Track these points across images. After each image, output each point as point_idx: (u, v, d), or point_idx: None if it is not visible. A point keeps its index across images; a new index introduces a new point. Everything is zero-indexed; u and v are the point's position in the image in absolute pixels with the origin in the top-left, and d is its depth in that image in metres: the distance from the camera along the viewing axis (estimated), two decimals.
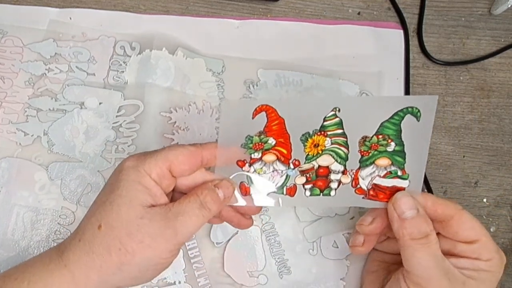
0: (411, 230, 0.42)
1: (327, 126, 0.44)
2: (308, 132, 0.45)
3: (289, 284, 0.53)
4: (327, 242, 0.54)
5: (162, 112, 0.57)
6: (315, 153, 0.45)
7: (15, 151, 0.56)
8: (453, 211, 0.43)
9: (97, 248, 0.40)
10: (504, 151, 0.59)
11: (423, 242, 0.42)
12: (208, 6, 0.62)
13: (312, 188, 0.46)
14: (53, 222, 0.54)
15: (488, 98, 0.60)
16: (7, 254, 0.52)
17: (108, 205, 0.41)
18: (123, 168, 0.43)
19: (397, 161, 0.44)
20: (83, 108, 0.57)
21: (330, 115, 0.44)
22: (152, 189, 0.42)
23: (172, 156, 0.43)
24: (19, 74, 0.58)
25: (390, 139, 0.44)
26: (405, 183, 0.44)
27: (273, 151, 0.46)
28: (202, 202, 0.42)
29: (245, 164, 0.46)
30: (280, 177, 0.46)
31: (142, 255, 0.40)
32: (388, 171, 0.44)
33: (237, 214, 0.48)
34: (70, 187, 0.55)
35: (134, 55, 0.59)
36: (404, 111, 0.43)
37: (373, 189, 0.45)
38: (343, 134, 0.44)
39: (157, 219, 0.41)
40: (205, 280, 0.53)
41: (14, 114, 0.57)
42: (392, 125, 0.44)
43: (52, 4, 0.61)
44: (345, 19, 0.63)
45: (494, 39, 0.62)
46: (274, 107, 0.45)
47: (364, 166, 0.45)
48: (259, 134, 0.45)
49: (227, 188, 0.45)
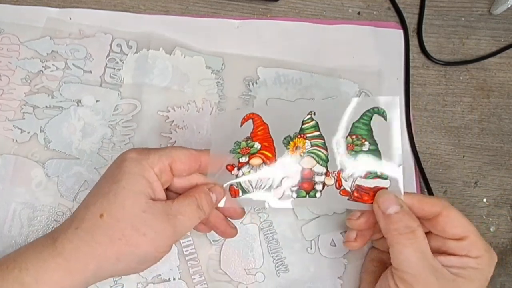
0: (397, 225, 0.42)
1: (305, 129, 0.47)
2: (289, 135, 0.47)
3: (286, 282, 0.52)
4: (325, 241, 0.54)
5: (160, 111, 0.57)
6: (297, 155, 0.47)
7: (12, 148, 0.55)
8: (440, 208, 0.43)
9: (98, 237, 0.40)
10: (504, 151, 0.59)
11: (410, 237, 0.41)
12: (208, 6, 0.62)
13: (298, 190, 0.46)
14: (50, 219, 0.53)
15: (488, 98, 0.60)
16: (3, 250, 0.52)
17: (112, 196, 0.41)
18: (126, 159, 0.43)
19: (373, 160, 0.45)
20: (80, 106, 0.57)
21: (307, 118, 0.47)
22: (153, 183, 0.43)
23: (175, 154, 0.44)
24: (15, 72, 0.58)
25: (364, 139, 0.45)
26: (386, 183, 0.44)
27: (259, 154, 0.47)
28: (199, 204, 0.44)
29: (234, 168, 0.48)
30: (267, 180, 0.47)
31: (143, 248, 0.41)
32: (367, 172, 0.45)
33: (223, 221, 0.49)
34: (67, 184, 0.54)
35: (131, 54, 0.59)
36: (371, 111, 0.45)
37: (357, 191, 0.45)
38: (321, 136, 0.46)
39: (160, 215, 0.42)
40: (200, 277, 0.52)
41: (11, 111, 0.56)
42: (363, 125, 0.45)
43: (52, 4, 0.61)
44: (345, 19, 0.62)
45: (494, 39, 0.62)
46: (260, 114, 0.49)
47: (344, 167, 0.46)
48: (246, 139, 0.48)
49: (219, 193, 0.47)
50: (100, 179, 0.45)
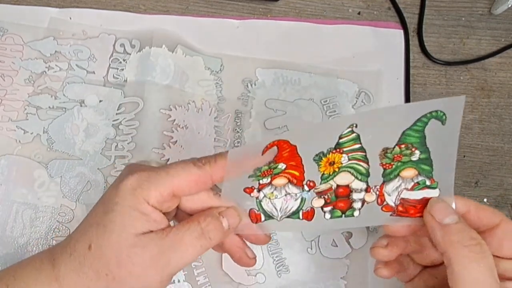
0: (460, 236, 0.35)
1: (343, 143, 0.39)
2: (322, 152, 0.39)
3: (287, 282, 0.53)
4: (326, 241, 0.54)
5: (162, 109, 0.57)
6: (331, 171, 0.40)
7: (15, 149, 0.56)
8: (499, 218, 0.38)
9: (86, 269, 0.38)
10: (504, 151, 0.59)
11: (477, 251, 0.34)
12: (208, 6, 0.63)
13: (333, 210, 0.41)
14: (52, 220, 0.54)
15: (489, 98, 0.60)
16: (5, 251, 0.52)
17: (101, 228, 0.38)
18: (120, 190, 0.38)
19: (424, 170, 0.40)
20: (83, 106, 0.57)
21: (346, 132, 0.39)
22: (150, 215, 0.38)
23: (177, 182, 0.38)
24: (19, 72, 0.58)
25: (414, 147, 0.39)
26: (436, 192, 0.39)
27: (284, 174, 0.40)
28: (204, 230, 0.38)
29: (253, 190, 0.41)
30: (295, 201, 0.41)
31: (130, 285, 0.38)
32: (415, 182, 0.40)
33: (240, 249, 0.43)
34: (69, 184, 0.55)
35: (134, 53, 0.59)
36: (428, 116, 0.38)
37: (401, 205, 0.40)
38: (361, 148, 0.39)
39: (150, 247, 0.37)
40: (205, 279, 0.52)
41: (14, 111, 0.57)
42: (415, 132, 0.39)
43: (52, 4, 0.62)
44: (345, 19, 0.63)
45: (494, 39, 0.62)
46: (286, 139, 0.39)
47: (388, 180, 0.40)
48: (268, 163, 0.40)
49: (233, 218, 0.40)
50: (98, 201, 0.40)
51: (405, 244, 0.42)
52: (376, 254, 0.41)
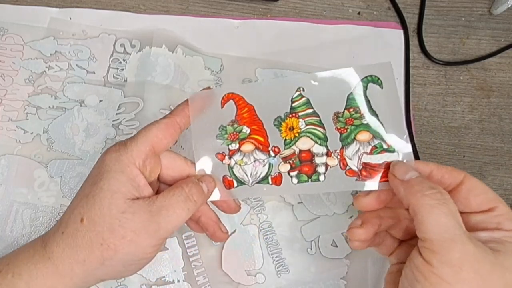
0: (420, 187, 0.37)
1: (296, 108, 0.44)
2: (280, 116, 0.44)
3: (287, 283, 0.53)
4: (326, 241, 0.54)
5: (162, 109, 0.57)
6: (292, 137, 0.44)
7: (15, 149, 0.56)
8: (461, 176, 0.40)
9: (80, 242, 0.39)
10: (504, 151, 0.59)
11: (438, 197, 0.36)
12: (208, 6, 0.63)
13: (299, 174, 0.44)
14: (52, 220, 0.54)
15: (488, 98, 0.60)
16: (5, 251, 0.52)
17: (90, 199, 0.40)
18: (105, 159, 0.41)
19: (377, 133, 0.42)
20: (83, 106, 0.57)
21: (296, 96, 0.44)
22: (135, 178, 0.41)
23: (152, 136, 0.42)
24: (19, 72, 0.58)
25: (362, 111, 0.42)
26: (396, 156, 0.42)
27: (250, 139, 0.45)
28: (188, 194, 0.41)
29: (224, 157, 0.45)
30: (263, 167, 0.44)
31: (124, 250, 0.39)
32: (373, 146, 0.42)
33: (214, 223, 0.47)
34: (69, 184, 0.55)
35: (134, 53, 0.59)
36: (365, 81, 0.42)
37: (364, 169, 0.42)
38: (315, 113, 0.43)
39: (140, 213, 0.40)
40: (204, 279, 0.53)
41: (14, 111, 0.57)
42: (358, 96, 0.43)
43: (52, 4, 0.62)
44: (345, 19, 0.63)
45: (494, 39, 0.62)
46: (241, 94, 0.45)
47: (346, 144, 0.43)
48: (232, 123, 0.45)
49: (210, 182, 0.44)
50: (84, 180, 0.43)
51: (379, 220, 0.43)
52: (352, 235, 0.42)
